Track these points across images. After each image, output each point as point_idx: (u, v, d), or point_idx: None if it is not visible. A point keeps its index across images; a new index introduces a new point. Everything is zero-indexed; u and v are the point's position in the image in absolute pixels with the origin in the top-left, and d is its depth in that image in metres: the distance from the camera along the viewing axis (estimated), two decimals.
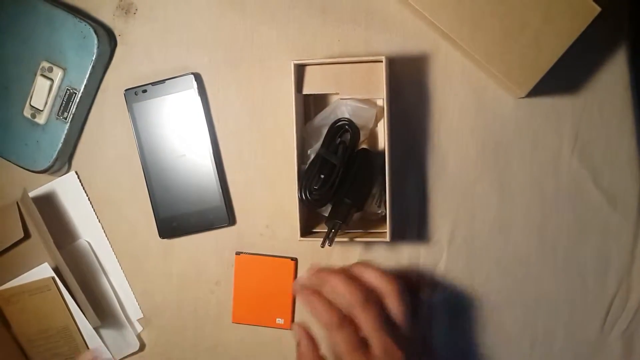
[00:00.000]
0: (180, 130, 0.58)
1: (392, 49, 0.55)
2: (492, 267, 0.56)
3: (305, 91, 0.53)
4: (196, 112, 0.57)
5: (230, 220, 0.58)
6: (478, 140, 0.55)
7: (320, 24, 0.57)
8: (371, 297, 0.46)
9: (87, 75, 0.58)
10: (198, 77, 0.58)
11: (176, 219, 0.58)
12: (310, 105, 0.57)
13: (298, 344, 0.49)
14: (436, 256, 0.56)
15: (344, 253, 0.58)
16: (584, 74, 0.54)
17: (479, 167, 0.55)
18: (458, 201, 0.56)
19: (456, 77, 0.55)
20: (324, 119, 0.54)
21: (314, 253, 0.58)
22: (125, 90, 0.58)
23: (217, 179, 0.57)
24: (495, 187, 0.55)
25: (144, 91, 0.58)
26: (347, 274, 0.48)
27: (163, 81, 0.57)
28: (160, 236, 0.59)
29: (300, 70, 0.53)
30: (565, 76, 0.53)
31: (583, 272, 0.55)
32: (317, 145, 0.53)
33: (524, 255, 0.55)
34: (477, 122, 0.55)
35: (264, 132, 0.58)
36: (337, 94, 0.53)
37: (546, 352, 0.56)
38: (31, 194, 0.61)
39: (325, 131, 0.53)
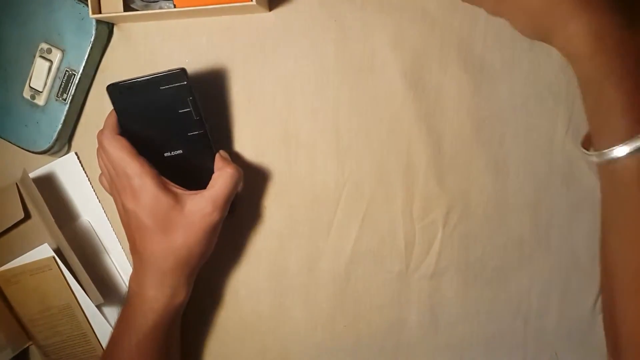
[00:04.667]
0: (173, 126, 0.53)
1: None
2: (486, 246, 0.57)
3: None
4: (187, 107, 0.52)
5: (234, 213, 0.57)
6: (474, 120, 0.56)
7: None
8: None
9: (85, 57, 0.58)
10: (186, 72, 0.52)
11: None
12: None
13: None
14: (431, 235, 0.57)
15: None
16: None
17: (474, 147, 0.56)
18: (453, 181, 0.56)
19: (452, 57, 0.56)
20: None
21: None
22: (108, 86, 0.52)
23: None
24: (490, 167, 0.56)
25: (130, 87, 0.52)
26: None
27: (149, 76, 0.52)
28: None
29: None
30: (559, 57, 0.54)
31: (576, 252, 0.56)
32: None
33: (517, 234, 0.56)
34: (473, 101, 0.56)
35: (254, 122, 0.59)
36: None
37: (539, 329, 0.57)
38: (31, 175, 0.62)
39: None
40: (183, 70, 0.51)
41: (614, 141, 0.38)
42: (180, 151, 0.54)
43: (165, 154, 0.54)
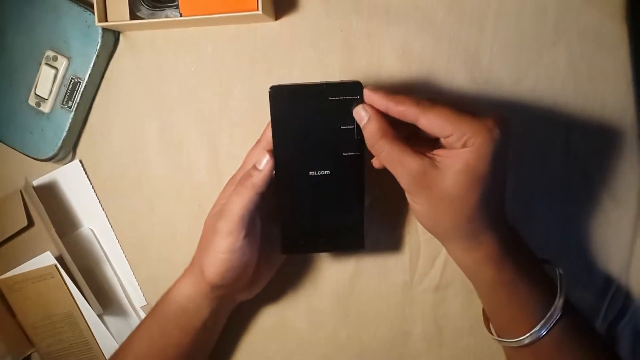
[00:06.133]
0: (329, 142, 0.49)
1: None
2: None
3: None
4: (352, 124, 0.48)
5: (365, 244, 0.52)
6: None
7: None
8: None
9: (91, 64, 0.58)
10: (362, 86, 0.47)
11: (305, 238, 0.52)
12: None
13: (364, 125, 0.46)
14: (436, 248, 0.57)
15: None
16: (584, 66, 0.54)
17: None
18: None
19: (459, 69, 0.55)
20: None
21: None
22: (272, 88, 0.48)
23: (360, 200, 0.51)
24: None
25: (295, 92, 0.48)
26: None
27: (321, 82, 0.47)
28: (282, 252, 0.52)
29: None
30: (565, 69, 0.54)
31: (582, 264, 0.56)
32: None
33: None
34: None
35: (259, 132, 0.56)
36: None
37: None
38: (36, 182, 0.62)
39: None
40: (359, 83, 0.47)
41: (533, 324, 0.45)
42: (327, 171, 0.49)
43: (311, 173, 0.49)
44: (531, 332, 0.45)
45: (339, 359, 0.59)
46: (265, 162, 0.47)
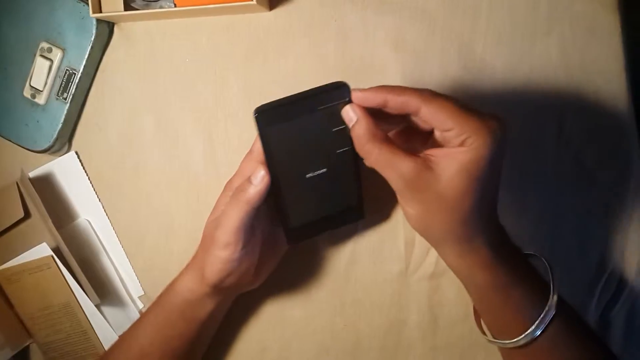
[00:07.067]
0: (322, 145, 0.47)
1: None
2: None
3: None
4: (343, 124, 0.46)
5: (365, 214, 0.53)
6: None
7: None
8: None
9: (86, 56, 0.58)
10: (349, 88, 0.45)
11: (307, 227, 0.52)
12: None
13: (352, 126, 0.44)
14: None
15: None
16: (577, 56, 0.54)
17: None
18: None
19: (452, 58, 0.56)
20: None
21: None
22: (257, 111, 0.44)
23: (357, 181, 0.50)
24: None
25: (284, 111, 0.45)
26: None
27: (307, 94, 0.45)
28: (288, 243, 0.53)
29: None
30: (559, 58, 0.54)
31: (576, 251, 0.56)
32: None
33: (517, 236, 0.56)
34: (473, 102, 0.56)
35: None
36: None
37: None
38: (32, 174, 0.62)
39: None
40: (345, 85, 0.45)
41: (528, 324, 0.44)
42: (324, 169, 0.48)
43: (308, 175, 0.48)
44: (526, 333, 0.44)
45: (335, 347, 0.60)
46: (260, 179, 0.45)
